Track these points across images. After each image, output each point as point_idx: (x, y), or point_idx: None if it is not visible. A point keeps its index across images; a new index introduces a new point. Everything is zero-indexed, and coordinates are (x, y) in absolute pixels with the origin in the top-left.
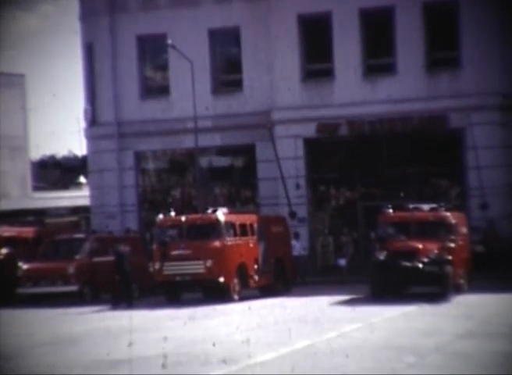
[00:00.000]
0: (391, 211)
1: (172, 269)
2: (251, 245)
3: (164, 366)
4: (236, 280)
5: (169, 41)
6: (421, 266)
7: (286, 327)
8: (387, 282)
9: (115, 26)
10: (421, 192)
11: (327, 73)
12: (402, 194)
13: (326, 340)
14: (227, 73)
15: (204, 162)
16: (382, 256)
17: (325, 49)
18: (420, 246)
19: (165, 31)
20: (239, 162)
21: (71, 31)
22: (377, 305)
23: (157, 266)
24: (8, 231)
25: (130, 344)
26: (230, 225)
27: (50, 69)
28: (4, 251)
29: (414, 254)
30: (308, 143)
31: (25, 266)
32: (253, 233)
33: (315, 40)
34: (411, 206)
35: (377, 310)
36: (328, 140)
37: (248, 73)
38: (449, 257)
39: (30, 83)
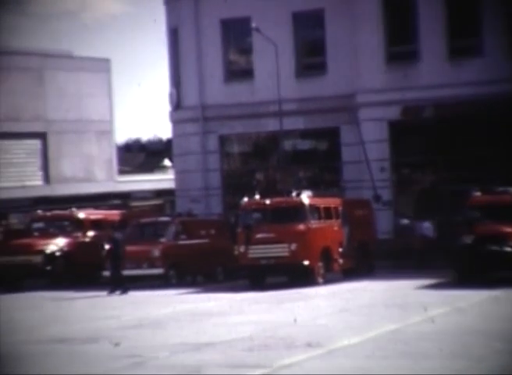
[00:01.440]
0: (479, 194)
1: (256, 252)
2: (335, 228)
3: (250, 348)
4: (320, 264)
5: (253, 25)
6: (509, 250)
7: (370, 311)
8: (474, 266)
9: (199, 11)
10: (508, 175)
11: (411, 55)
12: (489, 178)
13: (412, 324)
14: (311, 56)
15: (287, 145)
16: (469, 240)
17: (409, 31)
18: (509, 230)
19: (249, 15)
20: (322, 146)
21: (156, 16)
22: (464, 289)
23: (241, 249)
24: (94, 214)
25: (217, 327)
26: (314, 208)
27: (135, 53)
28: (90, 234)
29: (502, 238)
30: (393, 126)
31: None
32: (337, 217)
33: (399, 21)
34: (499, 189)
35: (464, 294)
36: (412, 122)
37: (332, 56)
38: None
39: (115, 67)
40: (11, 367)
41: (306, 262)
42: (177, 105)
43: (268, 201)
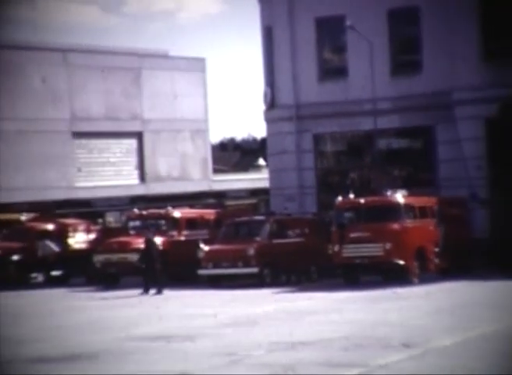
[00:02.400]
0: None
1: (350, 251)
2: (431, 228)
3: (345, 348)
4: (415, 263)
5: (348, 23)
6: None
7: (467, 311)
8: None
9: (293, 9)
10: None
11: (509, 52)
12: None
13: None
14: (405, 54)
15: (382, 143)
16: None
17: (507, 27)
18: None
19: (344, 13)
20: (417, 144)
21: (251, 14)
22: None
23: (336, 248)
24: (189, 213)
25: (312, 326)
26: (409, 207)
27: (230, 52)
28: (185, 232)
29: None
30: (489, 123)
31: (206, 248)
32: (432, 216)
33: (497, 17)
34: None
35: None
36: (510, 120)
37: (427, 53)
38: None
39: (210, 66)
40: (108, 364)
41: (401, 262)
42: (271, 103)
43: (362, 200)
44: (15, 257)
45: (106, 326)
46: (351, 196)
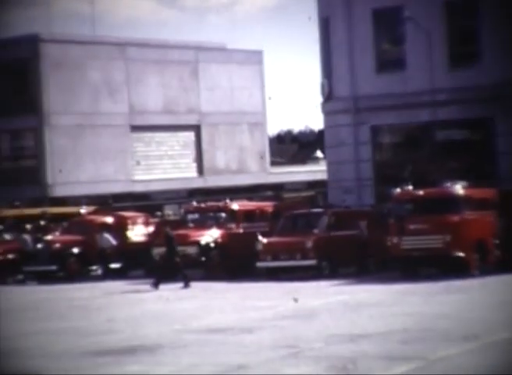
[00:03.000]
0: None
1: (409, 243)
2: (491, 220)
3: (405, 340)
4: (475, 256)
5: (406, 14)
6: None
7: None
8: None
9: (351, 1)
10: None
11: None
12: None
13: None
14: (464, 45)
15: (440, 135)
16: None
17: None
18: None
19: (402, 4)
20: (476, 136)
21: (307, 6)
22: None
23: (394, 240)
24: (247, 206)
25: (371, 318)
26: (469, 199)
27: (287, 44)
28: (243, 225)
29: None
30: None
31: (264, 240)
32: (492, 208)
33: None
34: None
35: None
36: None
37: (486, 44)
38: None
39: (267, 59)
40: (167, 356)
41: (461, 254)
42: (329, 95)
43: (421, 192)
44: (75, 250)
45: (164, 319)
46: (409, 188)
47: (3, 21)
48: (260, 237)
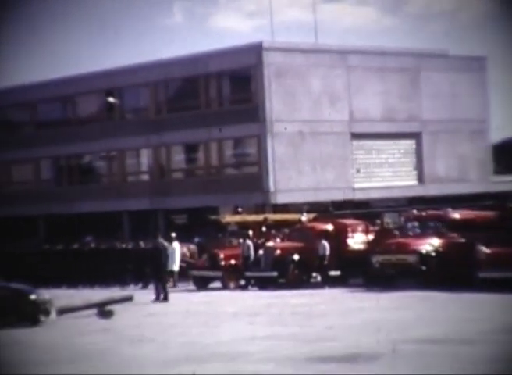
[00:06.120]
0: None
1: None
2: None
3: None
4: None
5: None
6: None
7: None
8: None
9: None
10: None
11: None
12: None
13: None
14: None
15: None
16: None
17: None
18: None
19: None
20: None
21: None
22: None
23: None
24: (468, 215)
25: None
26: None
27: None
28: (464, 234)
29: None
30: None
31: (487, 251)
32: None
33: None
34: None
35: None
36: None
37: None
38: None
39: (491, 65)
40: (385, 366)
41: None
42: None
43: None
44: (295, 256)
45: (382, 328)
46: None
47: (229, 31)
48: (482, 247)
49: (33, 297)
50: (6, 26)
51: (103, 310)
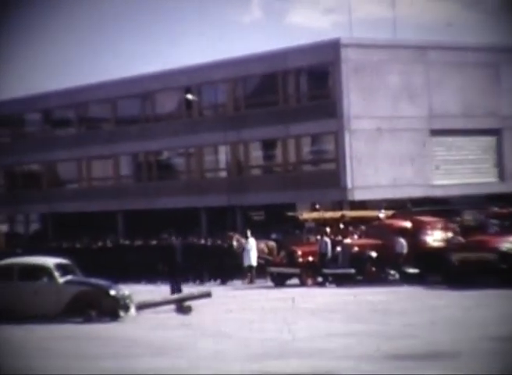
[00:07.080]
0: None
1: None
2: None
3: None
4: None
5: None
6: None
7: None
8: None
9: None
10: None
11: None
12: None
13: None
14: None
15: None
16: None
17: None
18: None
19: None
20: None
21: None
22: None
23: None
24: None
25: None
26: None
27: None
28: None
29: None
30: None
31: None
32: None
33: None
34: None
35: None
36: None
37: None
38: None
39: None
40: (466, 363)
41: None
42: None
43: None
44: (372, 253)
45: (461, 326)
46: None
47: (306, 27)
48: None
49: (112, 292)
50: (84, 23)
51: (182, 306)
